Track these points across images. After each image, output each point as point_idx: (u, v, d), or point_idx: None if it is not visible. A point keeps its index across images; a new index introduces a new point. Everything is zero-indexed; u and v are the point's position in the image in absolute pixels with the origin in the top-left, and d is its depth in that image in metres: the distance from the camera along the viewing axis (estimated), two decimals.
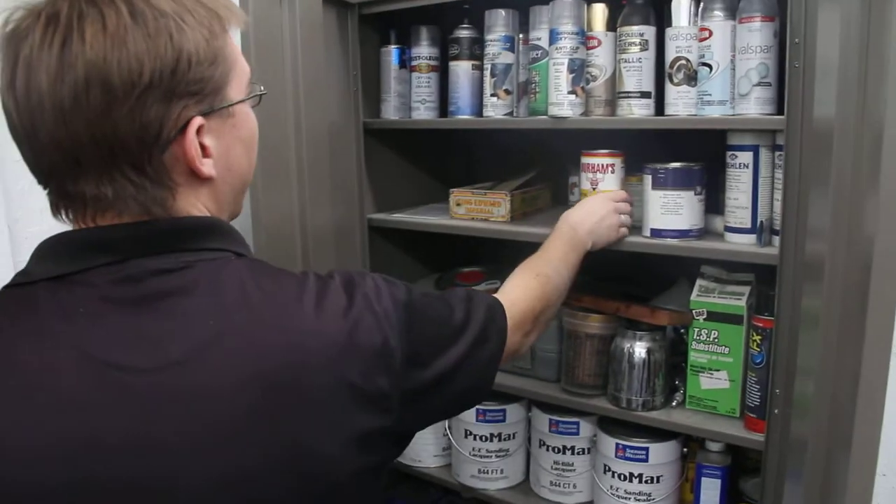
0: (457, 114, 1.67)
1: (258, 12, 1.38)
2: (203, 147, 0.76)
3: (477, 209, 1.67)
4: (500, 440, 1.71)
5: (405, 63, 1.74)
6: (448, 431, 1.79)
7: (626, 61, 1.42)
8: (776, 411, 1.27)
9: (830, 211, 1.11)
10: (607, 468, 1.55)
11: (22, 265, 0.78)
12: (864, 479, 1.16)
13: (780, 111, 1.26)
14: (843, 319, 1.11)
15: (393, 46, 1.74)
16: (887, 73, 1.05)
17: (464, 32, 1.64)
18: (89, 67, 0.68)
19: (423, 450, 1.84)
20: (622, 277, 1.71)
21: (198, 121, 0.74)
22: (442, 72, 1.73)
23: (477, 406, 1.69)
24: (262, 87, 0.87)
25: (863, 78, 1.08)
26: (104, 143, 0.71)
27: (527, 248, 1.62)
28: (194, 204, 0.79)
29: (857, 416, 1.11)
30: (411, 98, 1.74)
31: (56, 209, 0.77)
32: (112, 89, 0.69)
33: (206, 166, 0.77)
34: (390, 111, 1.75)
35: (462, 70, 1.65)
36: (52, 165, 0.74)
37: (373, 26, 1.72)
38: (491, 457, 1.71)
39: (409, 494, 1.96)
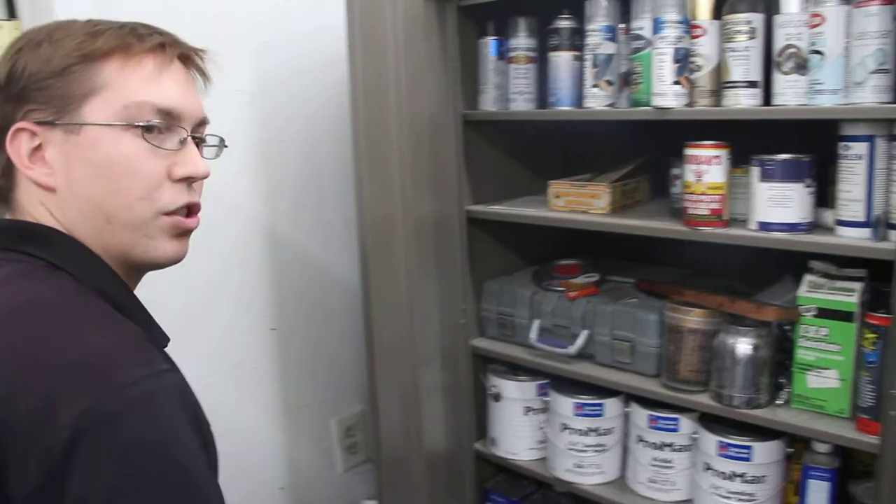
0: (557, 105, 1.65)
1: (364, 7, 1.40)
2: (43, 157, 0.82)
3: (576, 201, 1.65)
4: (597, 435, 1.69)
5: (503, 54, 1.74)
6: (544, 425, 1.78)
7: (732, 50, 1.38)
8: (892, 413, 1.22)
9: None
10: (708, 466, 1.52)
11: None
12: None
13: None
14: None
15: (491, 38, 1.74)
16: None
17: (564, 23, 1.62)
18: None
19: (519, 442, 1.84)
20: (724, 272, 1.67)
21: (19, 124, 0.81)
22: (539, 63, 1.72)
23: (575, 399, 1.69)
24: (156, 121, 0.82)
25: None
26: None
27: (625, 241, 1.61)
28: (37, 208, 0.84)
29: None
30: (509, 89, 1.73)
31: None
32: None
33: (35, 172, 0.82)
34: (488, 102, 1.75)
35: (563, 61, 1.63)
36: None
37: (471, 18, 1.73)
38: (587, 451, 1.70)
39: (503, 487, 1.96)
